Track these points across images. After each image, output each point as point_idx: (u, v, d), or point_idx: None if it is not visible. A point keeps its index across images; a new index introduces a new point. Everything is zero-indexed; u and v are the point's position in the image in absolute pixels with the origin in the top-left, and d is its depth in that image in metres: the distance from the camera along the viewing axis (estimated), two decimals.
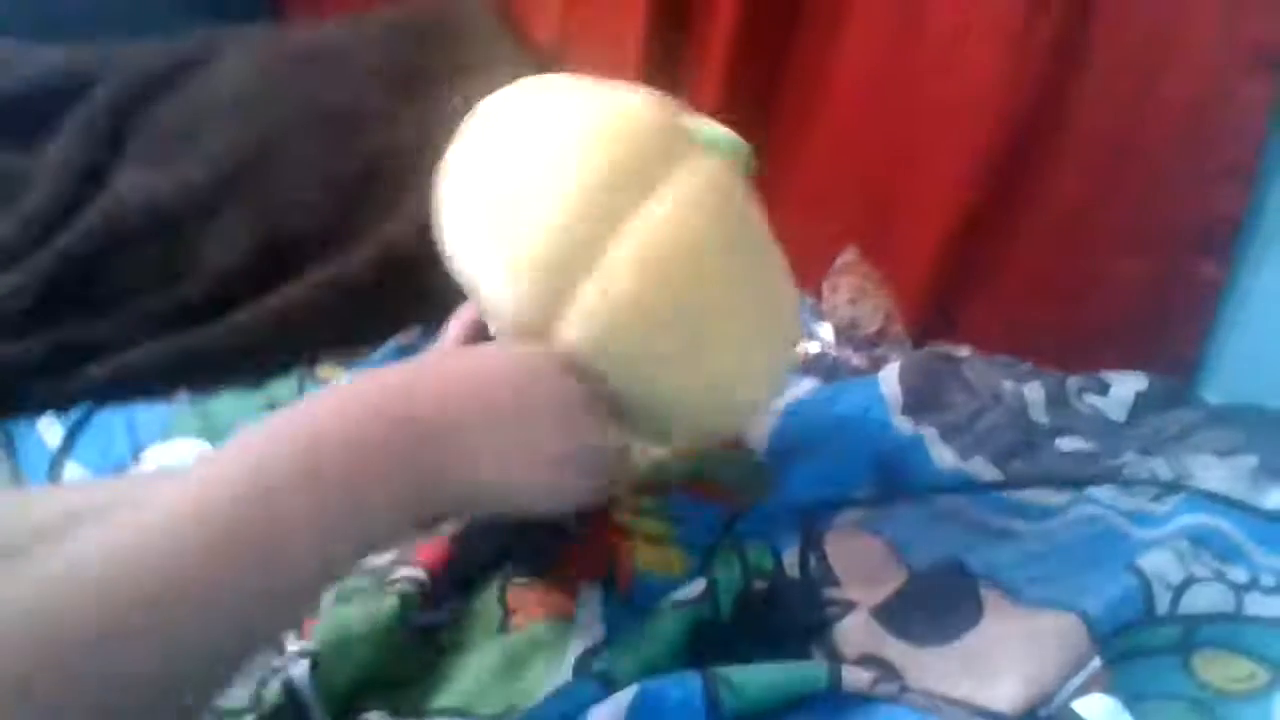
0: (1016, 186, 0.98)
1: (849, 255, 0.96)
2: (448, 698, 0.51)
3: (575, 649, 0.54)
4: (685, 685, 0.47)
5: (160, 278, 0.88)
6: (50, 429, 0.80)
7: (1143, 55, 0.90)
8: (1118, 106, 0.92)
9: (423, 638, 0.55)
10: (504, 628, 0.56)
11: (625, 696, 0.47)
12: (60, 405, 0.81)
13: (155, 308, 0.87)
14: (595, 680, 0.49)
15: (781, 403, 0.77)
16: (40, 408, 0.81)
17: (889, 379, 0.81)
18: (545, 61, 1.22)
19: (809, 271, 0.98)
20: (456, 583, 0.58)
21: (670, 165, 0.50)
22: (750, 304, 0.54)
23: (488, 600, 0.58)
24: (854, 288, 0.93)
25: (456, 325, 0.59)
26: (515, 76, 0.58)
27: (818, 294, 0.99)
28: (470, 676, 0.53)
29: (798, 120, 1.12)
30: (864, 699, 0.49)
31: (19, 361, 0.81)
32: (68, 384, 0.82)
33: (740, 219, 0.55)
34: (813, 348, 0.89)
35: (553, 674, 0.53)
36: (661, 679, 0.48)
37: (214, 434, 0.78)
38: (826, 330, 0.93)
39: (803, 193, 1.13)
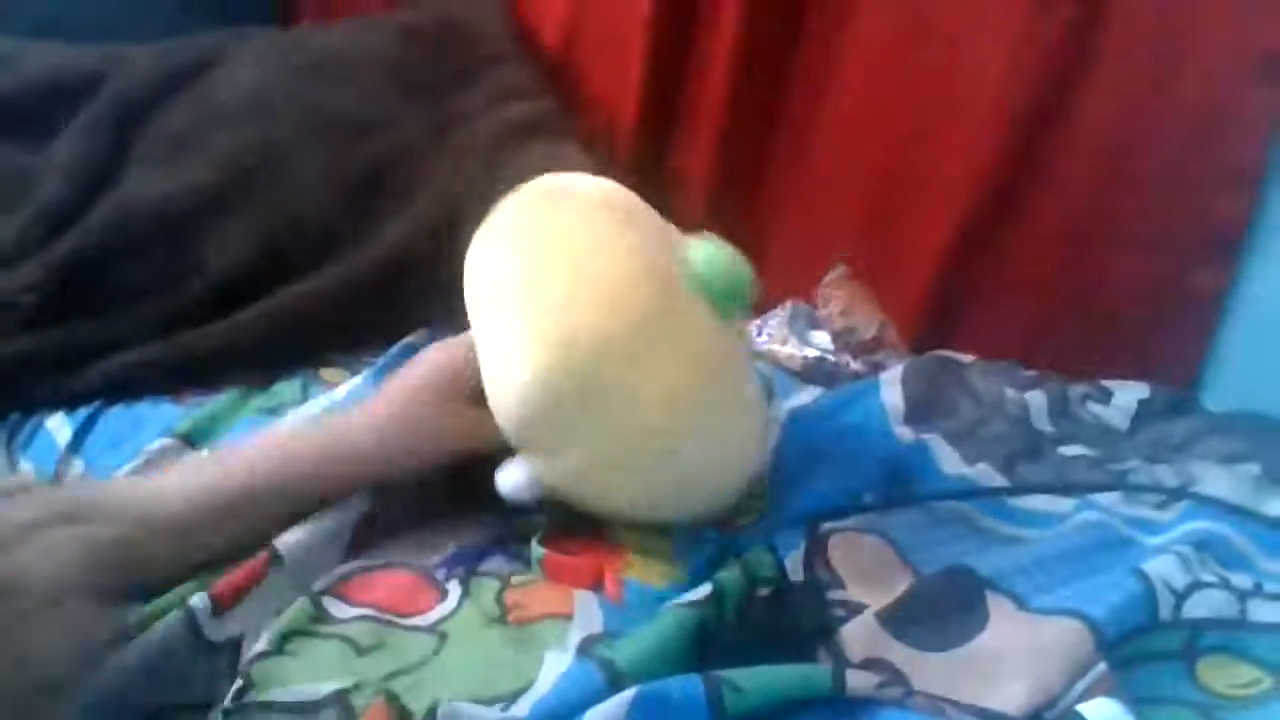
0: (1021, 191, 0.99)
1: (836, 272, 0.97)
2: (454, 683, 0.51)
3: (575, 638, 0.55)
4: (687, 686, 0.47)
5: (167, 278, 0.88)
6: (60, 428, 0.80)
7: (1151, 60, 0.90)
8: (1125, 111, 0.92)
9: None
10: (502, 621, 0.56)
11: (625, 697, 0.46)
12: (68, 402, 0.82)
13: (162, 307, 0.87)
14: (597, 664, 0.49)
15: (784, 414, 0.77)
16: (48, 404, 0.82)
17: (891, 388, 0.81)
18: (551, 63, 1.23)
19: (813, 276, 0.98)
20: (462, 577, 0.59)
21: (656, 343, 0.58)
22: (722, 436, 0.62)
23: (485, 598, 0.58)
24: (846, 299, 0.93)
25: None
26: (520, 80, 0.61)
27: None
28: (474, 663, 0.53)
29: (802, 122, 1.12)
30: (868, 702, 0.49)
31: (28, 358, 0.82)
32: (75, 381, 0.83)
33: (723, 370, 0.62)
34: (810, 354, 0.89)
35: (556, 660, 0.53)
36: (663, 680, 0.48)
37: (218, 435, 0.78)
38: (824, 338, 0.93)
39: (808, 196, 1.13)
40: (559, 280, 0.59)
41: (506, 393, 0.59)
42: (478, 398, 0.62)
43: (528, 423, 0.59)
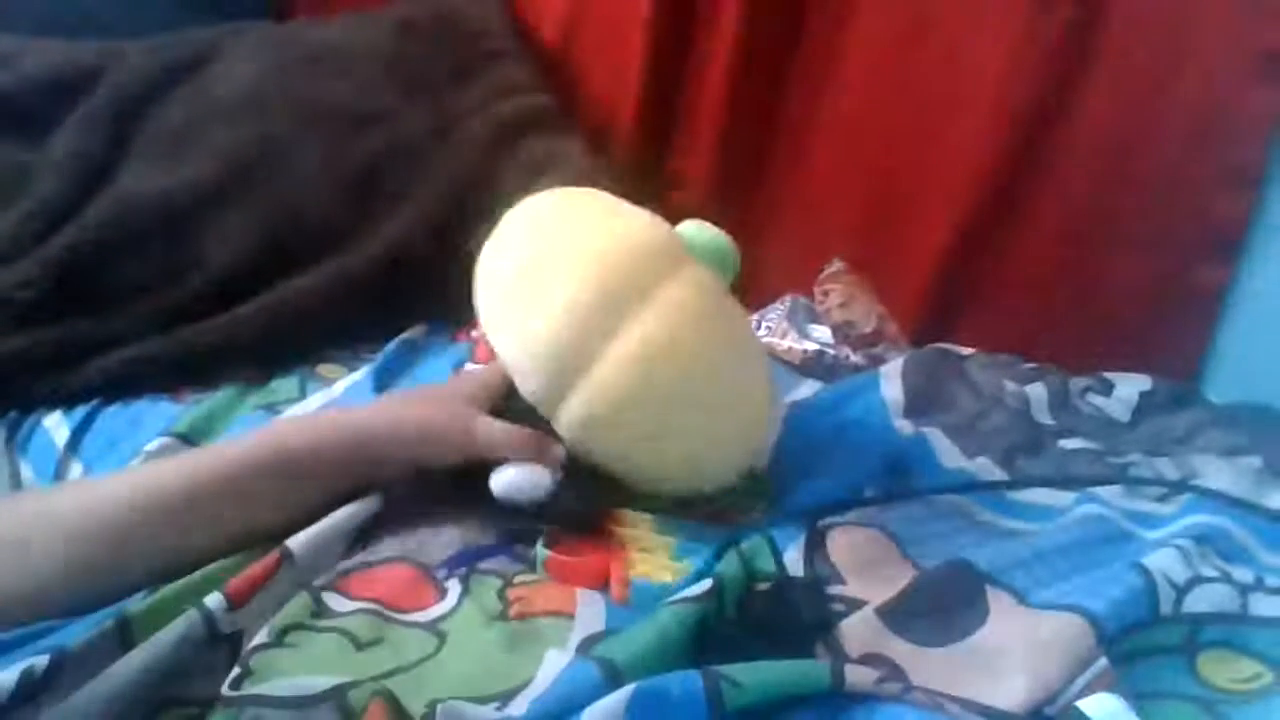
0: (1021, 191, 0.99)
1: (834, 266, 0.97)
2: (452, 682, 0.51)
3: (576, 638, 0.54)
4: (686, 682, 0.47)
5: (165, 273, 0.88)
6: (58, 428, 0.80)
7: (1151, 60, 0.91)
8: (1125, 111, 0.92)
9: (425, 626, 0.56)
10: (503, 618, 0.56)
11: (624, 693, 0.46)
12: (66, 399, 0.81)
13: (160, 303, 0.87)
14: (597, 664, 0.49)
15: (784, 409, 0.77)
16: (46, 402, 0.82)
17: (891, 382, 0.80)
18: (550, 60, 1.23)
19: (813, 275, 0.98)
20: (463, 576, 0.59)
21: (662, 279, 0.62)
22: (724, 395, 0.65)
23: (486, 595, 0.58)
24: (844, 294, 0.93)
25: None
26: (520, 76, 0.61)
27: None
28: (473, 660, 0.52)
29: (802, 122, 1.12)
30: (867, 698, 0.49)
31: (25, 355, 0.81)
32: (73, 378, 0.82)
33: (719, 322, 0.65)
34: (810, 347, 0.89)
35: (555, 659, 0.53)
36: (662, 677, 0.47)
37: (215, 434, 0.78)
38: (824, 332, 0.93)
39: (807, 196, 1.13)
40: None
41: (532, 323, 0.62)
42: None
43: (551, 350, 0.61)
